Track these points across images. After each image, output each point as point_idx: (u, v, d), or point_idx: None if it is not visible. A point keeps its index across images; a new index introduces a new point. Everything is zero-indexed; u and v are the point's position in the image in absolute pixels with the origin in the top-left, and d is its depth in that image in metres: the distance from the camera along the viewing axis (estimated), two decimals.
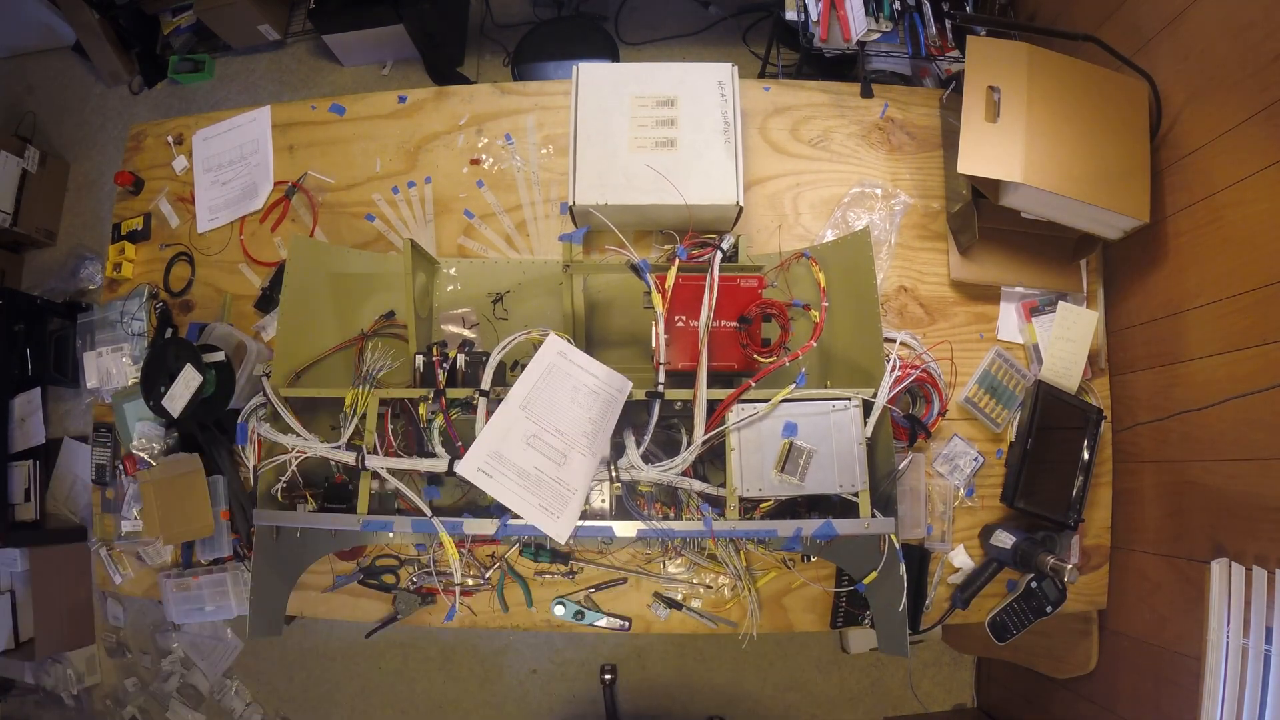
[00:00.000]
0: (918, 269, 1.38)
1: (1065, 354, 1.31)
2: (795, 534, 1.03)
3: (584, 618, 1.25)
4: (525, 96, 1.46)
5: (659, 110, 1.24)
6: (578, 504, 1.02)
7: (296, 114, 1.49)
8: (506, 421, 1.03)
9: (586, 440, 1.04)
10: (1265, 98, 1.06)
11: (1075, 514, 1.27)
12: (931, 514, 1.29)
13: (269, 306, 1.40)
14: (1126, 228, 1.22)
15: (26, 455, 2.28)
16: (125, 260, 1.46)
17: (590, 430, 1.04)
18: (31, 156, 2.48)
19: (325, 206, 1.44)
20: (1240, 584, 1.06)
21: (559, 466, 1.03)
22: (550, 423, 1.04)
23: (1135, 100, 1.25)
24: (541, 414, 1.04)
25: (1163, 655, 1.24)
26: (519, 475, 1.02)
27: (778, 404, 1.04)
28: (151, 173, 1.52)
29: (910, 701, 2.09)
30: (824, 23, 1.52)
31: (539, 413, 1.04)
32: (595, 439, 1.04)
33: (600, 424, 1.04)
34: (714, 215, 1.23)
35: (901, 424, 1.25)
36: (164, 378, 1.21)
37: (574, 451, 1.03)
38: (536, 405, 1.05)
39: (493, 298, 1.34)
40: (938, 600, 1.28)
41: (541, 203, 1.41)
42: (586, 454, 1.03)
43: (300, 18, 2.65)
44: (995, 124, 1.21)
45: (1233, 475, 1.13)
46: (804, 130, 1.43)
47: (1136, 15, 1.33)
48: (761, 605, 1.25)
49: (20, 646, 2.19)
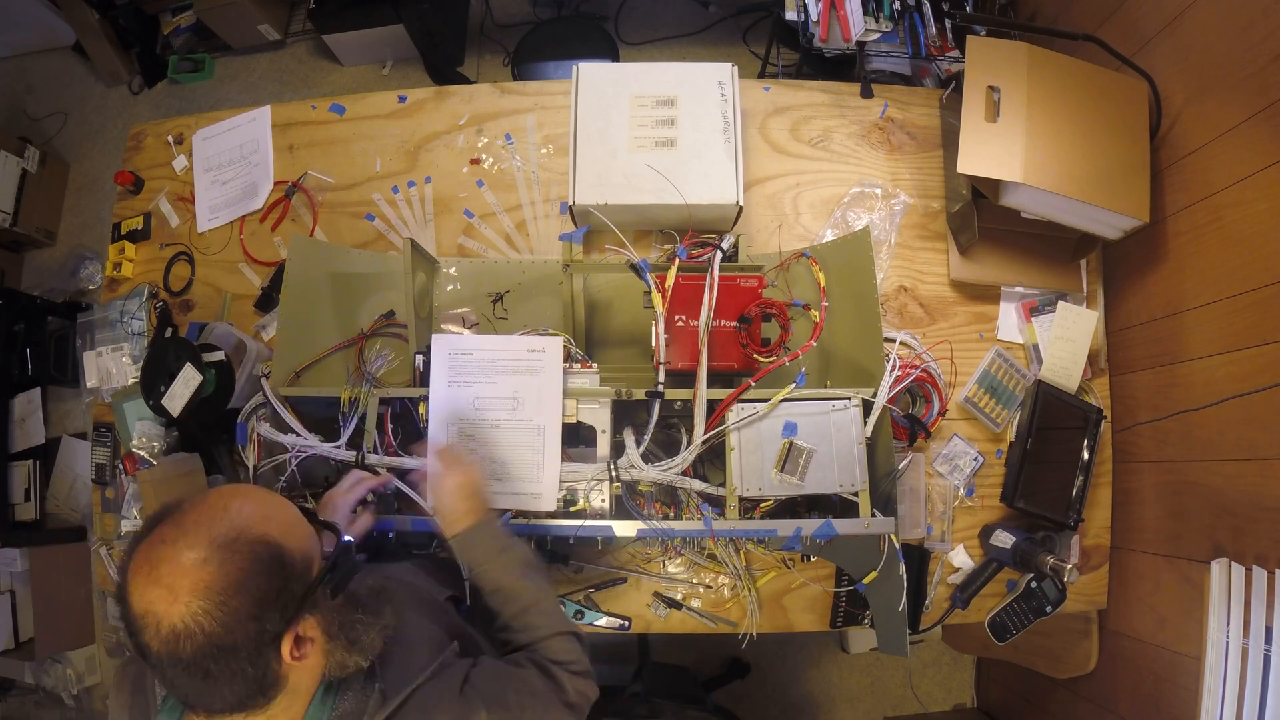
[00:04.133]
0: (918, 269, 1.38)
1: (1065, 354, 1.31)
2: (795, 534, 1.03)
3: (584, 617, 1.25)
4: (525, 96, 1.46)
5: (659, 110, 1.24)
6: (553, 473, 1.04)
7: (296, 114, 1.49)
8: (442, 433, 1.07)
9: (523, 410, 1.06)
10: (1265, 98, 1.06)
11: (1075, 514, 1.27)
12: (931, 514, 1.29)
13: (269, 306, 1.39)
14: (1126, 227, 1.22)
15: (26, 455, 2.28)
16: (125, 260, 1.46)
17: (518, 403, 1.06)
18: (31, 156, 2.48)
19: (325, 206, 1.44)
20: (1240, 584, 1.06)
21: (516, 448, 1.05)
22: (482, 415, 1.07)
23: (1135, 100, 1.25)
24: (471, 413, 1.07)
25: (1162, 655, 1.24)
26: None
27: (777, 404, 1.04)
28: (151, 172, 1.52)
29: (910, 701, 2.09)
30: (824, 23, 1.52)
31: (467, 414, 1.07)
32: (532, 407, 1.06)
33: (528, 390, 1.06)
34: (714, 215, 1.23)
35: (901, 424, 1.24)
36: (164, 377, 1.21)
37: (519, 426, 1.06)
38: (460, 405, 1.07)
39: (493, 298, 1.34)
40: (937, 600, 1.28)
41: (541, 202, 1.41)
42: (533, 423, 1.05)
43: (300, 18, 2.65)
44: (995, 124, 1.21)
45: (1233, 475, 1.13)
46: (804, 130, 1.43)
47: (1136, 15, 1.33)
48: (761, 605, 1.25)
49: (20, 646, 2.19)
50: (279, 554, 0.64)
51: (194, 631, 0.59)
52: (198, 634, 0.60)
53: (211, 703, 0.64)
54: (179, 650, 0.60)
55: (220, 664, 0.61)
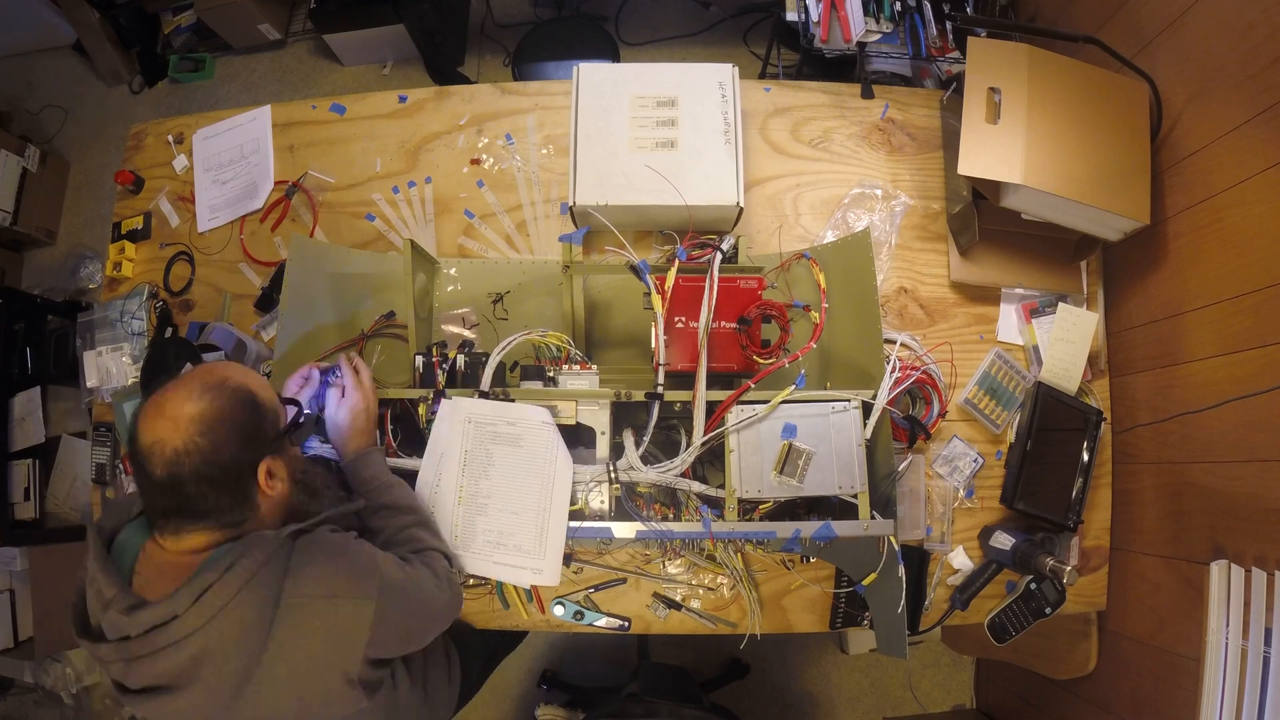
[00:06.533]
0: (918, 270, 1.37)
1: (1065, 355, 1.31)
2: (794, 535, 1.03)
3: (583, 618, 1.25)
4: (526, 96, 1.46)
5: (659, 111, 1.23)
6: (557, 538, 1.05)
7: (297, 113, 1.49)
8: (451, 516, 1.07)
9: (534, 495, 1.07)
10: (1266, 99, 1.06)
11: (1075, 515, 1.27)
12: (931, 515, 1.29)
13: (269, 306, 1.39)
14: (1127, 229, 1.22)
15: (26, 454, 2.28)
16: (125, 259, 1.46)
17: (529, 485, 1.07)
18: (32, 155, 2.48)
19: (325, 206, 1.44)
20: (1240, 586, 1.06)
21: (518, 516, 1.07)
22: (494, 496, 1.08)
23: (1136, 101, 1.25)
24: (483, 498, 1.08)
25: (1162, 657, 1.24)
26: (486, 544, 1.07)
27: (777, 405, 1.04)
28: (152, 172, 1.52)
29: (909, 702, 2.09)
30: (824, 24, 1.52)
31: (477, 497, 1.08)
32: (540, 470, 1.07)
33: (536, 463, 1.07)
34: (714, 216, 1.23)
35: (901, 425, 1.24)
36: (164, 377, 1.21)
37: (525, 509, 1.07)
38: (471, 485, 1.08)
39: (493, 298, 1.34)
40: (937, 601, 1.28)
41: (541, 203, 1.41)
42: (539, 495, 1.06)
43: (301, 17, 2.65)
44: (996, 125, 1.21)
45: (1233, 477, 1.13)
46: (804, 131, 1.43)
47: (1137, 16, 1.32)
48: (761, 606, 1.25)
49: (20, 645, 2.19)
50: (253, 397, 0.84)
51: (192, 451, 0.77)
52: (195, 453, 0.77)
53: (204, 511, 0.80)
54: (180, 468, 0.77)
55: (211, 478, 0.78)
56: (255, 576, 0.78)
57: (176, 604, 0.76)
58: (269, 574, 0.79)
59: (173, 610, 0.76)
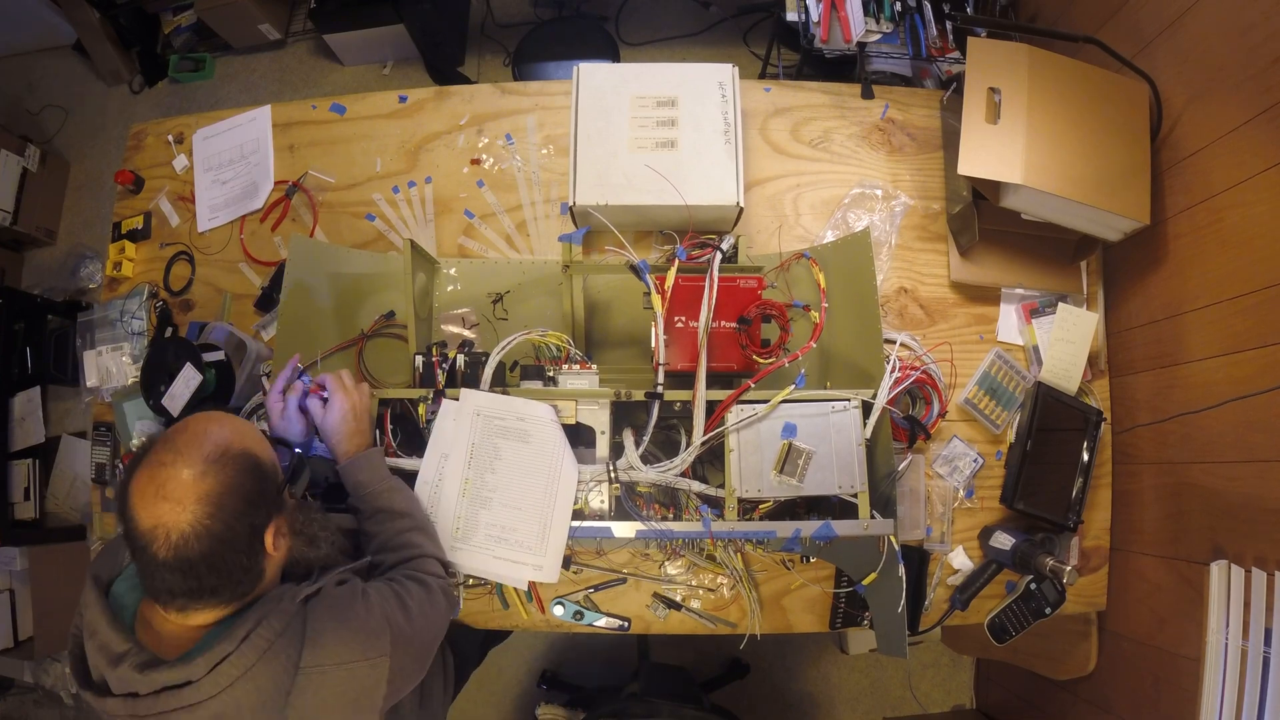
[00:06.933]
0: (918, 270, 1.37)
1: (1065, 355, 1.31)
2: (794, 535, 1.03)
3: (583, 618, 1.25)
4: (526, 96, 1.46)
5: (659, 111, 1.24)
6: (559, 535, 1.05)
7: (297, 113, 1.49)
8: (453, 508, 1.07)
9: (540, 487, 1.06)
10: (1266, 100, 1.06)
11: (1074, 515, 1.27)
12: (931, 515, 1.29)
13: (269, 306, 1.39)
14: (1127, 229, 1.22)
15: (26, 454, 2.28)
16: (125, 259, 1.46)
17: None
18: (32, 155, 2.48)
19: (325, 206, 1.44)
20: (1240, 586, 1.06)
21: (519, 511, 1.06)
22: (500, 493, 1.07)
23: (1136, 102, 1.25)
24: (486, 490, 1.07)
25: (1162, 657, 1.24)
26: (487, 538, 1.06)
27: (777, 405, 1.04)
28: (152, 172, 1.52)
29: (909, 702, 2.09)
30: (824, 24, 1.52)
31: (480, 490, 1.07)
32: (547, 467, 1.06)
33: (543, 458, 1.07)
34: (714, 216, 1.23)
35: (901, 425, 1.24)
36: (164, 377, 1.21)
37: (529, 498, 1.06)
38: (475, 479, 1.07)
39: (493, 298, 1.34)
40: (937, 601, 1.28)
41: (542, 203, 1.41)
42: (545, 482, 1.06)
43: (301, 17, 2.65)
44: (996, 125, 1.21)
45: (1232, 477, 1.13)
46: (804, 131, 1.43)
47: (1137, 17, 1.33)
48: (761, 606, 1.25)
49: (19, 645, 2.19)
50: (256, 461, 0.78)
51: (200, 533, 0.72)
52: (204, 534, 0.72)
53: (214, 588, 0.75)
54: (188, 551, 0.71)
55: (223, 557, 0.73)
56: (272, 646, 0.76)
57: (192, 670, 0.73)
58: (286, 643, 0.77)
59: (188, 676, 0.73)
